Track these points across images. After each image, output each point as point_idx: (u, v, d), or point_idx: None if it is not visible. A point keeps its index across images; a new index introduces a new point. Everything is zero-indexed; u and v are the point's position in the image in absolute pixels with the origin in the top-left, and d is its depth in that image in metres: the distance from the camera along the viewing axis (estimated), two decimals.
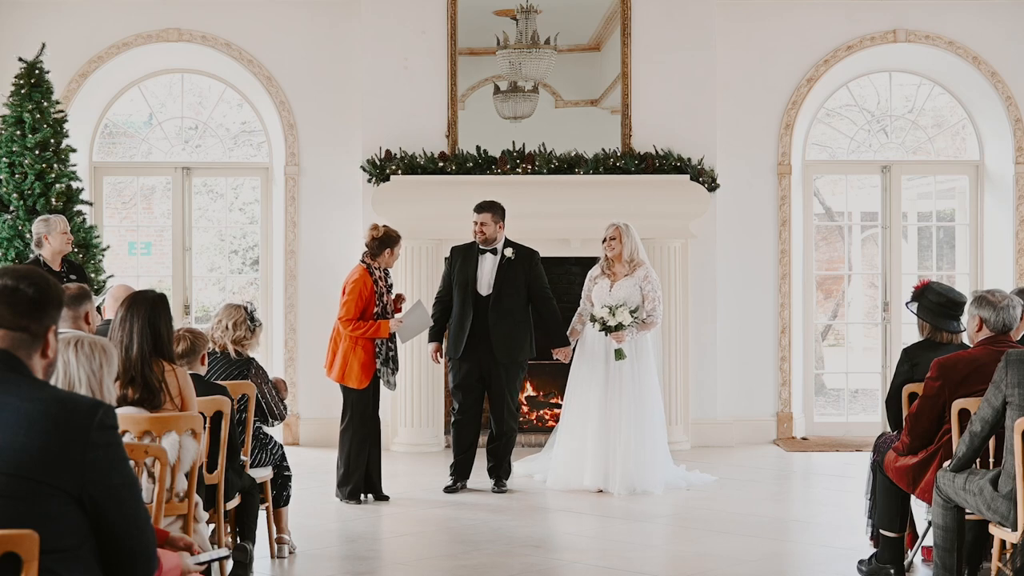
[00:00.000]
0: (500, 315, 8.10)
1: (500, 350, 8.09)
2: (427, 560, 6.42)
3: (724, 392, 10.27)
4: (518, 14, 10.12)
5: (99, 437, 2.67)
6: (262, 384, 6.21)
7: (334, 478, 7.93)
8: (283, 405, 6.35)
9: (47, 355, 2.80)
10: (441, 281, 8.46)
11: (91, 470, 2.65)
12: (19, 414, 2.64)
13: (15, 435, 2.63)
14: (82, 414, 2.66)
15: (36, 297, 2.76)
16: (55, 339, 2.82)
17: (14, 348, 2.73)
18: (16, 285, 2.75)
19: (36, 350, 2.77)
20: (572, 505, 7.85)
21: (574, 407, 8.31)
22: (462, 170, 9.88)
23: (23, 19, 10.22)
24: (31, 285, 2.76)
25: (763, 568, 6.31)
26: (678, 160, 9.95)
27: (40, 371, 2.79)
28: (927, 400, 5.43)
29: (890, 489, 5.68)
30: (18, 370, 2.72)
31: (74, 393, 2.86)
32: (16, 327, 2.74)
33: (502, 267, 8.16)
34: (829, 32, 10.51)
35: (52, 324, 2.80)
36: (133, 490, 2.76)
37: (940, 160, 11.27)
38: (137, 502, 2.77)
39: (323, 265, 10.31)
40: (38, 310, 2.76)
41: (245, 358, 6.25)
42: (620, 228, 8.29)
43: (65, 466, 2.63)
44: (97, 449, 2.66)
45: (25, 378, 2.72)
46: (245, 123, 11.33)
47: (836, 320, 13.94)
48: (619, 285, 8.23)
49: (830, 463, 9.47)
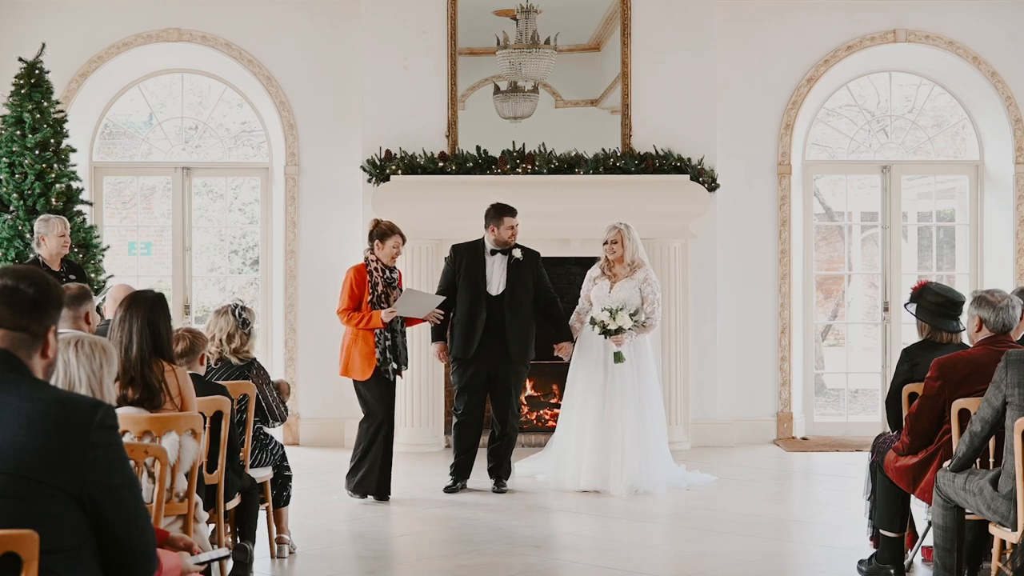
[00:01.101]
0: (514, 314, 8.10)
1: (515, 348, 8.10)
2: (427, 560, 6.42)
3: (724, 392, 10.27)
4: (518, 14, 10.12)
5: (99, 437, 2.67)
6: (263, 385, 6.20)
7: (334, 478, 7.94)
8: (284, 407, 6.32)
9: (47, 355, 2.80)
10: (442, 280, 8.41)
11: (91, 470, 2.65)
12: (19, 414, 2.64)
13: (15, 435, 2.63)
14: (82, 414, 2.66)
15: (36, 297, 2.76)
16: (55, 339, 2.82)
17: (14, 348, 2.74)
18: (16, 285, 2.75)
19: (36, 350, 2.77)
20: (572, 505, 7.85)
21: (574, 408, 8.30)
22: (462, 170, 9.88)
23: (23, 19, 10.22)
24: (31, 285, 2.76)
25: (763, 568, 6.31)
26: (678, 160, 9.95)
27: (40, 371, 2.79)
28: (927, 400, 5.43)
29: (890, 489, 5.69)
30: (18, 370, 2.72)
31: (74, 393, 2.86)
32: (16, 327, 2.74)
33: (512, 267, 8.16)
34: (829, 32, 10.51)
35: (52, 324, 2.80)
36: (133, 490, 2.76)
37: (940, 160, 11.27)
38: (137, 502, 2.77)
39: (323, 265, 10.31)
40: (38, 310, 2.76)
41: (247, 360, 6.24)
42: (621, 231, 8.27)
43: (65, 466, 2.63)
44: (97, 449, 2.66)
45: (25, 378, 2.72)
46: (245, 123, 11.33)
47: (836, 320, 13.94)
48: (619, 287, 8.22)
49: (830, 463, 9.47)
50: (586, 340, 8.29)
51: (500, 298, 8.14)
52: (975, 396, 5.21)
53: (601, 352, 8.21)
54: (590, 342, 8.26)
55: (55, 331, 2.82)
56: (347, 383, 10.42)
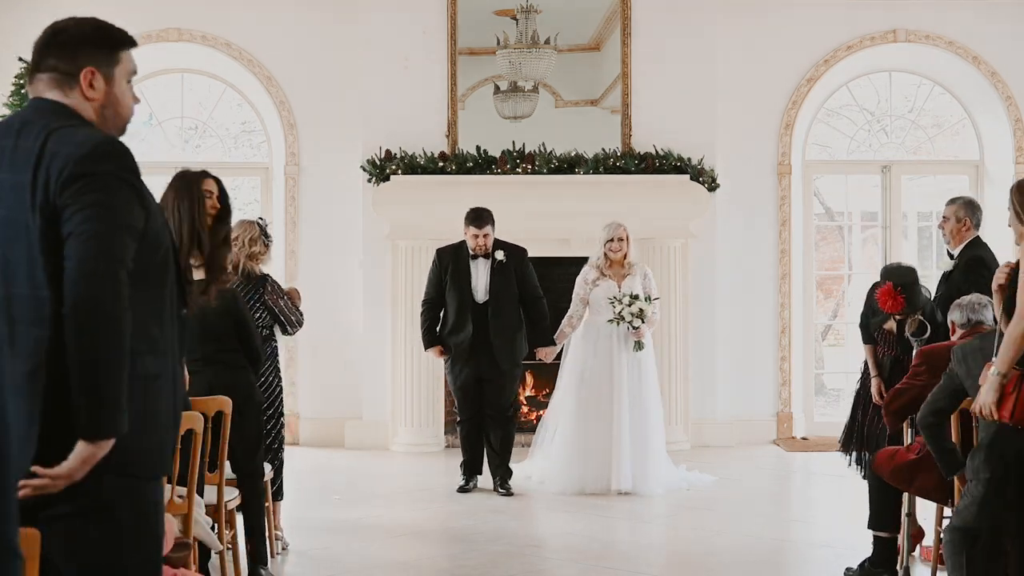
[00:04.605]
0: (500, 325, 8.06)
1: (503, 358, 8.08)
2: (427, 560, 6.42)
3: (724, 392, 10.27)
4: (518, 14, 10.12)
5: (82, 168, 2.69)
6: (278, 299, 6.43)
7: (334, 478, 7.94)
8: (299, 312, 6.56)
9: (91, 96, 2.84)
10: (428, 284, 8.34)
11: (63, 195, 2.68)
12: (30, 155, 2.70)
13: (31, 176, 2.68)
14: (76, 147, 2.71)
15: (65, 35, 2.83)
16: (102, 80, 2.86)
17: (50, 90, 2.81)
18: (52, 28, 2.84)
19: (73, 89, 2.82)
20: (572, 505, 7.85)
21: (572, 408, 8.27)
22: (462, 170, 9.87)
23: (23, 19, 10.22)
24: (63, 26, 2.85)
25: (763, 568, 6.31)
26: (678, 160, 9.95)
27: (93, 113, 2.84)
28: (911, 380, 5.59)
29: (881, 488, 5.69)
30: (44, 112, 2.78)
31: (93, 132, 2.85)
32: (47, 68, 2.82)
33: (495, 271, 8.12)
34: (829, 32, 10.51)
35: (87, 64, 2.84)
36: (101, 213, 2.74)
37: (940, 160, 11.28)
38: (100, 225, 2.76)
39: (323, 265, 10.31)
40: (68, 47, 2.82)
41: (260, 275, 6.40)
42: (626, 229, 8.28)
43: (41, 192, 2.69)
44: (76, 180, 2.68)
45: (49, 116, 2.77)
46: (245, 123, 11.34)
47: (836, 320, 13.94)
48: (625, 285, 8.21)
49: (830, 463, 9.45)
50: (588, 340, 8.27)
51: (485, 307, 8.11)
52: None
53: (601, 351, 8.19)
54: (589, 341, 8.25)
55: (96, 72, 2.84)
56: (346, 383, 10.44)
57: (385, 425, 9.99)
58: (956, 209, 6.71)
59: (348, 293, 10.23)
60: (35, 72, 2.84)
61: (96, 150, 2.68)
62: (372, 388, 10.02)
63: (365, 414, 10.09)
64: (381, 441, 9.95)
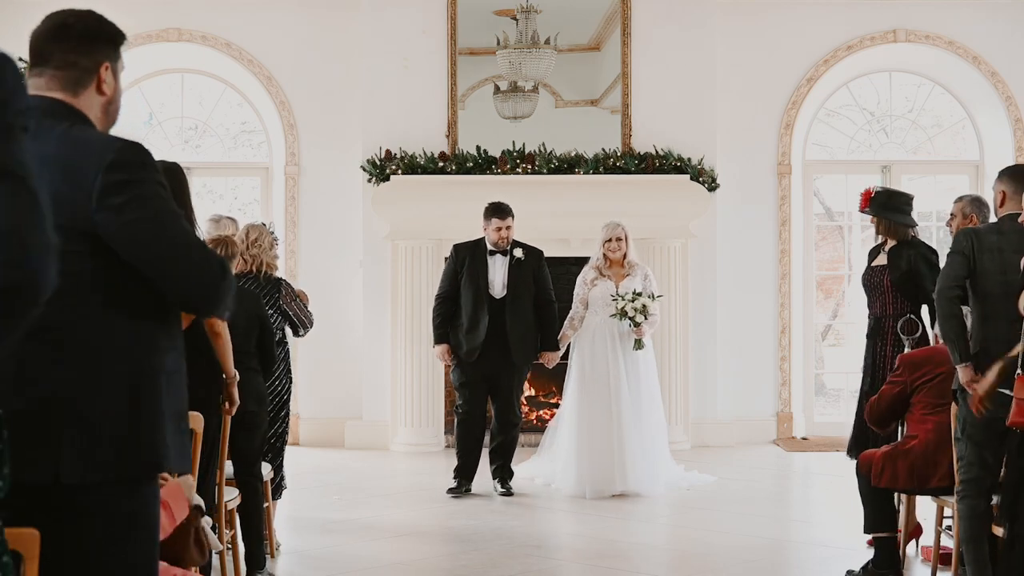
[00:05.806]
0: (516, 318, 8.04)
1: (517, 353, 8.03)
2: (427, 560, 6.42)
3: (724, 392, 10.27)
4: (518, 14, 10.12)
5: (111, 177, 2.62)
6: (292, 302, 6.58)
7: (334, 478, 7.93)
8: (308, 312, 6.76)
9: (103, 91, 2.77)
10: (443, 279, 8.30)
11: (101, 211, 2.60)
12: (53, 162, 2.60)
13: (59, 186, 2.55)
14: (95, 153, 2.64)
15: (83, 30, 2.74)
16: (112, 76, 2.78)
17: (62, 88, 2.70)
18: (64, 21, 2.75)
19: (88, 86, 2.74)
20: (572, 505, 7.85)
21: (573, 408, 8.27)
22: (462, 170, 9.87)
23: (23, 19, 10.21)
24: (79, 20, 2.75)
25: (763, 568, 6.31)
26: (678, 160, 9.95)
27: (99, 109, 2.77)
28: (890, 388, 5.70)
29: (874, 490, 5.68)
30: (58, 115, 2.68)
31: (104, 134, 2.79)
32: (64, 64, 2.72)
33: (513, 268, 8.11)
34: (829, 32, 10.51)
35: (104, 60, 2.76)
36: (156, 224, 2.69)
37: (940, 160, 11.28)
38: (165, 233, 2.72)
39: (323, 265, 10.31)
40: (86, 42, 2.73)
41: (275, 279, 6.45)
42: (624, 229, 8.27)
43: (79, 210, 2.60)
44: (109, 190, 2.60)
45: (64, 121, 2.68)
46: (245, 123, 11.34)
47: (836, 320, 13.94)
48: (624, 285, 8.21)
49: (830, 463, 9.46)
50: (585, 340, 8.26)
51: (502, 301, 8.08)
52: (927, 383, 5.59)
53: (598, 352, 8.19)
54: (590, 342, 8.24)
55: (110, 68, 2.77)
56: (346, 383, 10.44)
57: (385, 425, 9.99)
58: (963, 206, 6.70)
59: (348, 293, 10.23)
60: (42, 66, 2.77)
61: (124, 153, 2.67)
62: (372, 388, 10.02)
63: (365, 414, 10.10)
64: (381, 441, 9.95)
